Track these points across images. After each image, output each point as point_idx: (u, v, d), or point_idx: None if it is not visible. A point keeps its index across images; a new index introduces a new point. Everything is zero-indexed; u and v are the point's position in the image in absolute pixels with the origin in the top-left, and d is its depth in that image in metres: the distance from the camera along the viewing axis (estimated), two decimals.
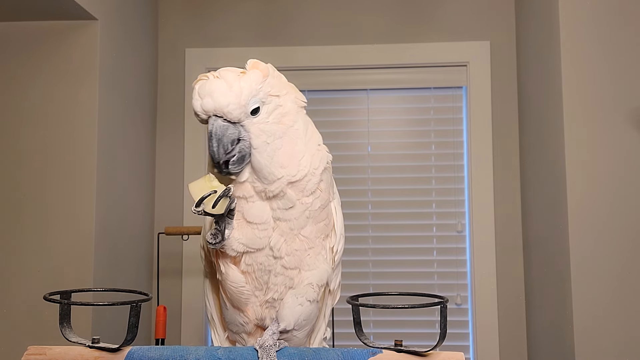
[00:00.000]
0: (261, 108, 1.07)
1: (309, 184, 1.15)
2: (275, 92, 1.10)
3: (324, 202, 1.18)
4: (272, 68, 1.16)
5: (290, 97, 1.13)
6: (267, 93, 1.08)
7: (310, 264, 1.19)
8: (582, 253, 1.98)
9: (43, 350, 1.19)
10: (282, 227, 1.14)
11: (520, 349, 2.64)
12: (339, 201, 1.28)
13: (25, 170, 2.13)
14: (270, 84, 1.10)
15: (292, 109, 1.12)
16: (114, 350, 1.18)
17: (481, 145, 2.72)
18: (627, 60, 2.01)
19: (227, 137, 1.05)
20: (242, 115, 1.05)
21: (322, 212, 1.19)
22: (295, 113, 1.13)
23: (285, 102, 1.11)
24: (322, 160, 1.18)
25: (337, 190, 1.28)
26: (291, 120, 1.11)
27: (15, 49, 2.16)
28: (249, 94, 1.05)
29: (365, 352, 1.16)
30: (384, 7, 2.82)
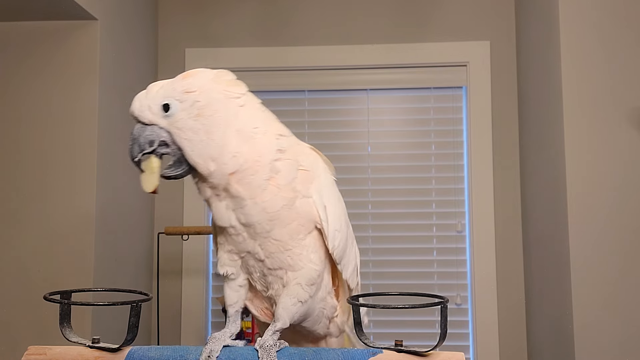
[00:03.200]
0: (176, 106, 1.06)
1: (255, 177, 1.08)
2: (192, 89, 1.07)
3: (288, 201, 1.10)
4: (207, 72, 1.13)
5: (216, 89, 1.08)
6: (182, 91, 1.07)
7: (294, 265, 1.15)
8: (582, 253, 1.98)
9: (43, 350, 1.19)
10: (250, 231, 1.12)
11: (520, 349, 2.64)
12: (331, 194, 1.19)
13: (25, 170, 2.13)
14: (189, 82, 1.09)
15: (215, 100, 1.07)
16: (114, 350, 1.18)
17: (481, 145, 2.72)
18: (627, 60, 2.01)
19: (144, 137, 1.07)
20: (153, 116, 1.07)
21: (290, 212, 1.11)
22: (218, 102, 1.07)
23: (206, 96, 1.07)
24: (268, 149, 1.09)
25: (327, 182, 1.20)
26: (212, 110, 1.06)
27: (15, 49, 2.16)
28: (161, 96, 1.07)
29: (366, 352, 1.16)
30: (384, 7, 2.82)
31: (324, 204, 1.14)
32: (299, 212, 1.12)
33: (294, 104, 2.85)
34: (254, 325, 2.36)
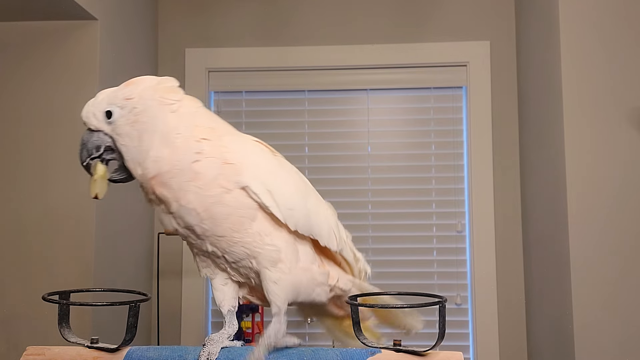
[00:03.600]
0: (118, 113, 1.09)
1: (175, 180, 1.08)
2: (132, 96, 1.10)
3: (216, 199, 1.09)
4: (149, 80, 1.15)
5: (152, 96, 1.10)
6: (123, 98, 1.10)
7: (251, 253, 1.14)
8: (582, 253, 1.98)
9: (42, 350, 1.19)
10: (194, 233, 1.13)
11: (520, 349, 2.64)
12: (277, 177, 1.15)
13: (25, 170, 2.13)
14: (130, 90, 1.11)
15: (149, 107, 1.09)
16: (112, 350, 1.18)
17: (481, 145, 2.72)
18: (627, 60, 2.01)
19: (91, 142, 1.12)
20: (98, 122, 1.11)
21: (223, 208, 1.10)
22: (152, 109, 1.09)
23: (143, 102, 1.09)
24: (187, 152, 1.08)
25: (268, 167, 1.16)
26: (146, 117, 1.08)
27: (15, 49, 2.16)
28: (105, 103, 1.10)
29: (364, 351, 1.16)
30: (384, 7, 2.82)
31: (267, 190, 1.11)
32: (233, 205, 1.11)
33: (294, 104, 2.85)
34: (254, 325, 2.36)
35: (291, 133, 2.84)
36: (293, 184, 1.19)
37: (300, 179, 1.25)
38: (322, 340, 2.69)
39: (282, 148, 2.83)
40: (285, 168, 1.22)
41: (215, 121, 1.18)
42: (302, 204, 1.18)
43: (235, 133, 1.20)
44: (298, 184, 1.22)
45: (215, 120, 1.18)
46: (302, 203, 1.18)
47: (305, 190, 1.23)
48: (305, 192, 1.22)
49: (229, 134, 1.17)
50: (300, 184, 1.23)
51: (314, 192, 1.28)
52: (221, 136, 1.13)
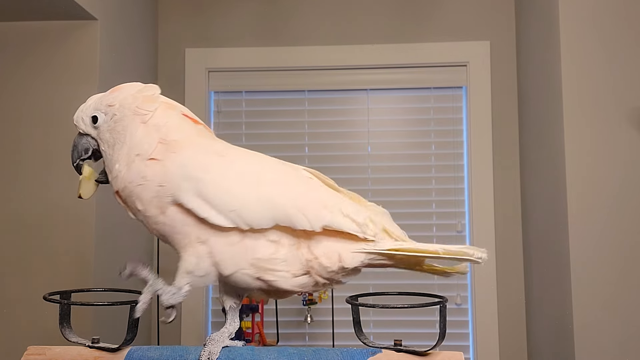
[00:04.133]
0: (102, 119, 1.11)
1: (127, 199, 1.12)
2: (113, 103, 1.11)
3: (160, 218, 1.11)
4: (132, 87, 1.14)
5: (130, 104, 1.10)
6: (106, 105, 1.11)
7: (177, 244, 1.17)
8: (582, 253, 1.98)
9: (43, 350, 1.20)
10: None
11: (520, 349, 2.64)
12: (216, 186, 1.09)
13: (25, 170, 2.13)
14: (113, 96, 1.12)
15: (125, 116, 1.10)
16: (113, 350, 1.18)
17: (481, 145, 2.72)
18: (627, 60, 2.01)
19: (81, 145, 1.15)
20: (86, 127, 1.14)
21: (167, 227, 1.12)
22: (126, 118, 1.10)
23: (121, 110, 1.10)
24: (136, 175, 1.09)
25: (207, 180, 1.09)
26: (121, 126, 1.10)
27: (15, 49, 2.16)
28: (92, 108, 1.13)
29: (365, 351, 1.16)
30: (384, 7, 2.82)
31: (203, 200, 1.07)
32: (170, 224, 1.12)
33: (294, 104, 2.86)
34: (254, 325, 2.36)
35: (291, 133, 2.84)
36: (237, 183, 1.10)
37: (251, 170, 1.13)
38: (322, 340, 2.70)
39: (282, 148, 2.87)
40: (233, 168, 1.12)
41: (183, 131, 1.13)
42: (249, 198, 1.08)
43: (198, 144, 1.13)
44: (246, 179, 1.11)
45: (182, 130, 1.13)
46: (249, 197, 1.09)
47: (254, 182, 1.11)
48: (254, 183, 1.11)
49: (189, 146, 1.11)
50: (249, 177, 1.12)
51: (280, 173, 1.15)
52: (178, 151, 1.09)
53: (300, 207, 1.09)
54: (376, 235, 1.13)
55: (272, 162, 1.18)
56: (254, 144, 2.84)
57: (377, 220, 1.14)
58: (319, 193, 1.13)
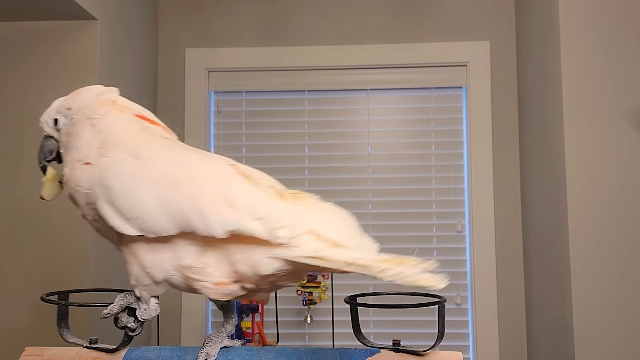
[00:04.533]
0: (62, 122, 1.11)
1: (74, 204, 1.09)
2: (72, 106, 1.10)
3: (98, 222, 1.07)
4: (92, 90, 1.13)
5: (85, 108, 1.10)
6: (66, 108, 1.11)
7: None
8: (582, 253, 1.98)
9: (41, 351, 1.20)
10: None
11: (520, 349, 2.64)
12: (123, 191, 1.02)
13: (25, 170, 2.13)
14: (72, 99, 1.12)
15: (79, 120, 1.09)
16: (111, 350, 1.18)
17: (481, 145, 2.72)
18: (627, 60, 2.01)
19: (46, 147, 1.15)
20: (49, 129, 1.14)
21: (101, 233, 1.11)
22: (79, 123, 1.09)
23: (77, 114, 1.10)
24: (77, 180, 1.07)
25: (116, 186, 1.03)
26: (75, 129, 1.09)
27: (15, 49, 2.16)
28: (54, 111, 1.13)
29: (364, 351, 1.16)
30: (384, 7, 2.82)
31: (109, 210, 1.03)
32: (104, 230, 1.09)
33: (294, 104, 2.85)
34: (254, 325, 2.36)
35: (291, 133, 2.84)
36: (142, 187, 1.01)
37: (159, 173, 1.02)
38: (322, 340, 2.70)
39: (282, 148, 2.87)
40: (142, 171, 1.03)
41: (124, 132, 1.08)
42: (150, 203, 1.00)
43: (125, 146, 1.07)
44: (151, 182, 1.01)
45: (124, 132, 1.08)
46: (150, 202, 1.00)
47: (159, 185, 1.01)
48: (158, 186, 1.01)
49: (117, 148, 1.06)
50: (155, 179, 1.02)
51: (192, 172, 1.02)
52: (107, 154, 1.06)
53: (200, 211, 0.97)
54: (294, 239, 0.96)
55: (189, 160, 1.05)
56: (254, 144, 2.84)
57: (302, 221, 0.97)
58: (228, 190, 0.98)
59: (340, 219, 1.03)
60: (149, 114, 1.16)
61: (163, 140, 1.12)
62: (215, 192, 0.98)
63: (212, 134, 2.86)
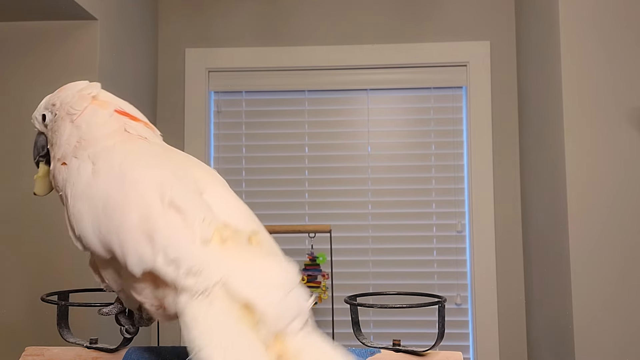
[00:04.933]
0: (49, 118, 1.11)
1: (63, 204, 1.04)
2: (56, 102, 1.09)
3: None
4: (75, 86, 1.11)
5: (67, 104, 1.08)
6: (51, 104, 1.10)
7: None
8: (582, 253, 1.98)
9: (41, 351, 1.19)
10: None
11: (520, 349, 2.64)
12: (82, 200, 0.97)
13: (25, 170, 2.12)
14: (57, 95, 1.10)
15: (60, 116, 1.08)
16: (112, 350, 1.18)
17: (481, 145, 2.72)
18: (627, 60, 2.01)
19: (39, 142, 1.15)
20: (39, 125, 1.13)
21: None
22: (60, 119, 1.08)
23: (60, 110, 1.08)
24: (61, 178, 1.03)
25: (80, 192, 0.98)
26: (57, 125, 1.08)
27: (15, 49, 2.16)
28: (42, 107, 1.13)
29: (364, 351, 1.16)
30: (384, 7, 2.82)
31: (67, 221, 0.99)
32: None
33: (294, 104, 2.86)
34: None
35: (291, 133, 2.84)
36: (87, 201, 0.96)
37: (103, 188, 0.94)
38: None
39: (282, 148, 2.87)
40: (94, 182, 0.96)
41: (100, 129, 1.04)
42: (86, 220, 0.95)
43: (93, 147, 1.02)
44: (95, 197, 0.95)
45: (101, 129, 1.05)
46: (87, 219, 0.95)
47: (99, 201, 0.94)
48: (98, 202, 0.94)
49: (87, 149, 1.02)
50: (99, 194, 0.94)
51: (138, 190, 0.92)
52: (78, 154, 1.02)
53: (122, 245, 0.88)
54: (203, 290, 0.81)
55: (133, 179, 0.93)
56: (254, 144, 2.84)
57: (218, 271, 0.82)
58: (152, 226, 0.87)
59: (268, 270, 0.85)
60: (131, 109, 1.11)
61: (133, 144, 1.04)
62: (137, 229, 0.87)
63: (212, 134, 2.86)
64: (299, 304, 0.80)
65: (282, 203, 2.78)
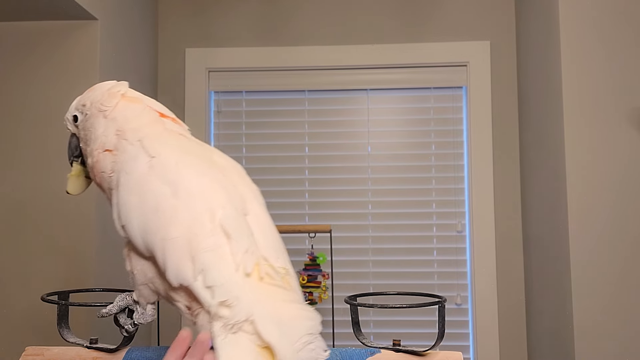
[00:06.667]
0: (80, 118, 1.13)
1: (101, 189, 1.08)
2: (86, 102, 1.12)
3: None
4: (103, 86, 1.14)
5: (97, 102, 1.11)
6: (82, 104, 1.13)
7: None
8: (582, 253, 1.98)
9: (41, 350, 1.20)
10: None
11: (520, 349, 2.64)
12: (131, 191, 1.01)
13: (24, 170, 2.13)
14: (87, 96, 1.13)
15: (92, 114, 1.11)
16: (112, 350, 1.18)
17: (481, 145, 2.72)
18: (627, 60, 2.01)
19: (72, 143, 1.17)
20: (71, 126, 1.15)
21: None
22: (93, 116, 1.11)
23: (91, 109, 1.11)
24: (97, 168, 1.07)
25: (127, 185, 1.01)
26: (89, 123, 1.11)
27: (15, 49, 2.16)
28: (73, 108, 1.15)
29: (364, 351, 1.16)
30: (384, 7, 2.82)
31: (114, 204, 1.03)
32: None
33: (294, 104, 2.86)
34: None
35: (291, 133, 2.84)
36: (140, 195, 0.99)
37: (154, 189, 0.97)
38: None
39: (282, 148, 2.87)
40: (150, 176, 0.99)
41: (139, 120, 1.08)
42: (141, 221, 0.98)
43: (147, 133, 1.06)
44: (148, 193, 0.98)
45: (139, 120, 1.08)
46: (135, 215, 0.98)
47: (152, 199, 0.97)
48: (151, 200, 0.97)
49: (139, 135, 1.05)
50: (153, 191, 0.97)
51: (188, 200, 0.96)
52: (129, 138, 1.05)
53: (164, 254, 0.92)
54: (233, 324, 0.86)
55: (184, 187, 0.97)
56: (254, 144, 2.84)
57: (249, 308, 0.87)
58: (196, 246, 0.91)
59: (294, 317, 0.91)
60: (159, 106, 1.15)
61: (177, 138, 1.10)
62: (183, 245, 0.91)
63: (212, 134, 2.86)
64: (315, 356, 0.89)
65: (282, 203, 2.78)
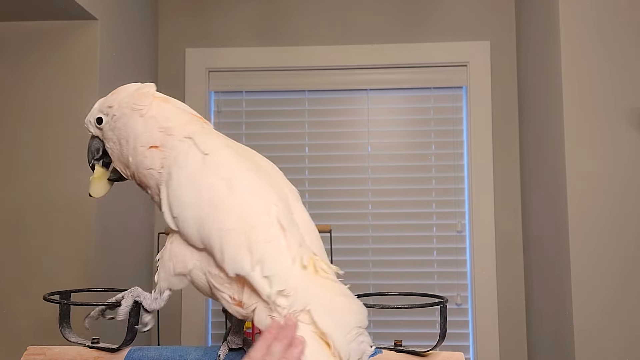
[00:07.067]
0: (104, 120, 1.14)
1: (143, 185, 1.12)
2: (112, 104, 1.14)
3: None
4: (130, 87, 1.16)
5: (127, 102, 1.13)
6: (107, 106, 1.14)
7: None
8: (582, 253, 1.98)
9: (42, 350, 1.20)
10: None
11: (521, 349, 2.64)
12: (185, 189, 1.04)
13: (24, 170, 2.13)
14: (113, 98, 1.15)
15: (124, 114, 1.12)
16: (113, 350, 1.18)
17: (481, 145, 2.72)
18: (627, 60, 2.01)
19: (93, 146, 1.18)
20: (93, 128, 1.17)
21: None
22: (125, 116, 1.12)
23: (120, 110, 1.13)
24: (144, 164, 1.09)
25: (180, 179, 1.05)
26: (122, 123, 1.12)
27: (15, 49, 2.16)
28: (97, 110, 1.16)
29: None
30: (384, 7, 2.82)
31: (164, 196, 1.06)
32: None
33: (294, 104, 2.86)
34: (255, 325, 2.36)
35: (291, 133, 2.84)
36: (194, 190, 1.02)
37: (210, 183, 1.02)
38: None
39: (282, 148, 2.87)
40: (204, 172, 1.03)
41: (178, 119, 1.12)
42: (196, 214, 1.01)
43: (194, 131, 1.10)
44: (205, 189, 1.02)
45: (178, 119, 1.12)
46: (190, 209, 1.02)
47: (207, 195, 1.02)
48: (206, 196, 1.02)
49: (186, 132, 1.10)
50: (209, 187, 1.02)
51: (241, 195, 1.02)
52: (177, 134, 1.09)
53: (221, 245, 0.98)
54: (290, 313, 0.95)
55: (240, 185, 1.03)
56: (254, 144, 2.82)
57: (305, 298, 0.96)
58: (253, 238, 0.97)
59: (347, 310, 1.01)
60: (187, 106, 1.18)
61: (220, 137, 1.17)
62: (241, 236, 0.98)
63: None
64: (363, 349, 0.98)
65: None
